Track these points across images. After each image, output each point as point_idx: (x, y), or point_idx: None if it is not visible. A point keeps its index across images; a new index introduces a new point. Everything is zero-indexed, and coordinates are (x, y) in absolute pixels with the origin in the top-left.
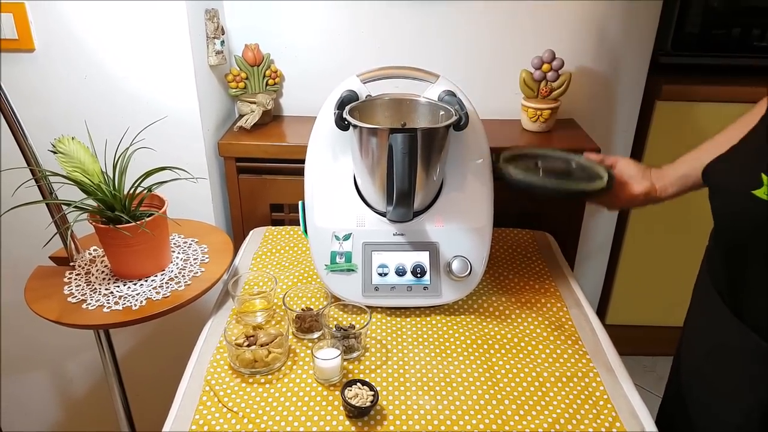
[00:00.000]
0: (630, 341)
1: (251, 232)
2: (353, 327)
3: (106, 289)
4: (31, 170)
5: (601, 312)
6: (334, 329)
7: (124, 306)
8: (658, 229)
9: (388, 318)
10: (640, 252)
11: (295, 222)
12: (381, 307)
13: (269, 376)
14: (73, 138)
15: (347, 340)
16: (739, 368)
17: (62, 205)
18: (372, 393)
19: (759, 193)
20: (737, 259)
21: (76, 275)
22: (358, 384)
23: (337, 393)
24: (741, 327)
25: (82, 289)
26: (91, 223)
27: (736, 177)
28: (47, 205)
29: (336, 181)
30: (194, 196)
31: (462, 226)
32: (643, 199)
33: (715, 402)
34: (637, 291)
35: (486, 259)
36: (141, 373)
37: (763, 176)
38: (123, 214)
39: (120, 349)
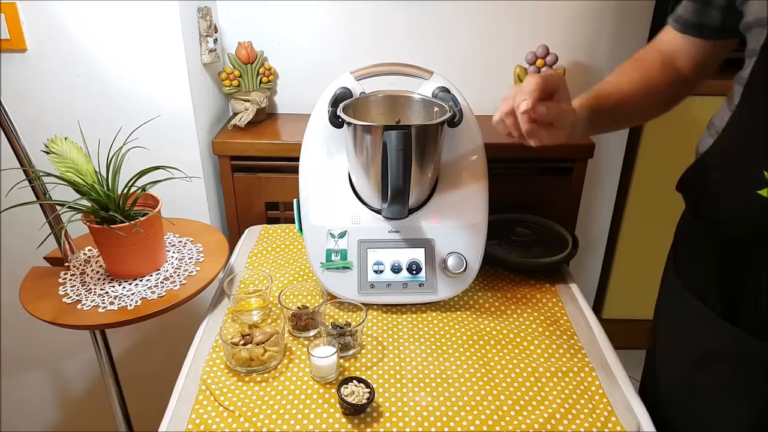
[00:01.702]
0: (626, 335)
1: (246, 231)
2: (349, 324)
3: (101, 289)
4: (25, 171)
5: (598, 306)
6: (330, 327)
7: (120, 306)
8: (654, 222)
9: (384, 315)
10: (636, 246)
11: (290, 220)
12: (377, 305)
13: (265, 375)
14: (66, 138)
15: (343, 337)
16: (734, 375)
17: (56, 206)
18: (368, 390)
19: (764, 193)
20: (735, 261)
21: (71, 275)
22: (355, 381)
23: (334, 391)
24: (736, 332)
25: (77, 290)
26: (85, 224)
27: (735, 176)
28: (41, 205)
29: (331, 178)
30: (189, 195)
31: (457, 223)
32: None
33: (715, 412)
34: (634, 285)
35: (481, 256)
36: (137, 373)
37: (767, 174)
38: (117, 214)
39: (116, 348)
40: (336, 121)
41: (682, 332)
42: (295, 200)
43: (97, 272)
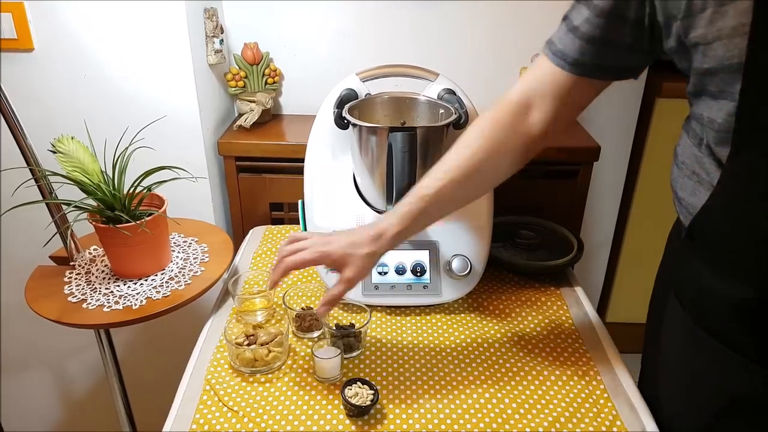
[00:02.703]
0: (631, 339)
1: (251, 231)
2: (353, 326)
3: (107, 289)
4: (31, 170)
5: (602, 309)
6: (334, 328)
7: (125, 305)
8: (659, 225)
9: (388, 317)
10: (641, 249)
11: (294, 221)
12: (381, 306)
13: (269, 376)
14: (72, 138)
15: (347, 339)
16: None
17: (62, 205)
18: (372, 392)
19: None
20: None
21: (76, 275)
22: (358, 383)
23: (337, 392)
24: None
25: (83, 289)
26: (91, 223)
27: (760, 228)
28: (47, 204)
29: (335, 179)
30: (194, 196)
31: (462, 225)
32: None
33: None
34: (638, 288)
35: (486, 258)
36: (142, 373)
37: None
38: (123, 214)
39: (120, 348)
40: (341, 123)
41: (706, 377)
42: (299, 201)
43: (103, 271)
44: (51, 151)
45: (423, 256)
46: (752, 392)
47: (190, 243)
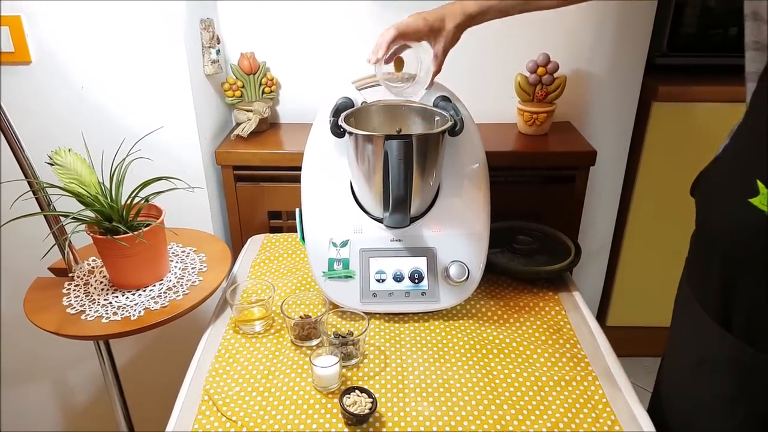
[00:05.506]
0: (632, 342)
1: (249, 240)
2: (351, 334)
3: (105, 300)
4: (29, 182)
5: (602, 313)
6: (333, 336)
7: (123, 316)
8: (658, 228)
9: (387, 324)
10: (640, 252)
11: (293, 229)
12: (379, 314)
13: (268, 386)
14: (69, 150)
15: (345, 347)
16: (728, 382)
17: (60, 217)
18: (371, 400)
19: (755, 201)
20: (728, 270)
21: (74, 286)
22: (357, 391)
23: (336, 401)
24: (729, 339)
25: (81, 300)
26: (89, 234)
27: (731, 184)
28: (45, 216)
29: (333, 187)
30: (192, 205)
31: (459, 231)
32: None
33: (703, 418)
34: (638, 292)
35: (483, 264)
36: (141, 383)
37: (759, 184)
38: (120, 225)
39: (120, 358)
40: (337, 131)
41: (684, 337)
42: (297, 209)
43: (101, 282)
44: (48, 163)
45: (421, 263)
46: (713, 350)
47: (188, 253)
